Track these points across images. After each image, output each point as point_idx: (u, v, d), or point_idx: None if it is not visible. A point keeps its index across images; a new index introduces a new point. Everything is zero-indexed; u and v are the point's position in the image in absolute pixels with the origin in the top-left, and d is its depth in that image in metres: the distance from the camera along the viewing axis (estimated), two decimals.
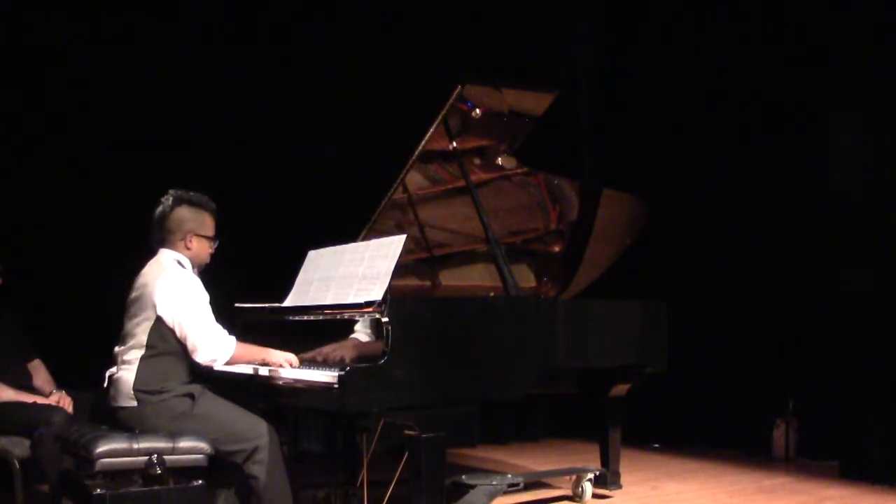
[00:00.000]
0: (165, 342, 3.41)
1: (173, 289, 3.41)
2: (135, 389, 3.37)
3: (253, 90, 5.99)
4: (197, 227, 3.56)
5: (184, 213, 3.55)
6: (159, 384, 3.38)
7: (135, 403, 3.37)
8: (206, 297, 3.48)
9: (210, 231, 3.61)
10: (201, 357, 3.41)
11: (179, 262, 3.54)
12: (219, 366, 3.46)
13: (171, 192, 3.60)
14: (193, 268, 3.60)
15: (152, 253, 3.59)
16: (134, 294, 3.49)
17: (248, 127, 5.92)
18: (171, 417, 3.36)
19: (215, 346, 3.42)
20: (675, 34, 6.68)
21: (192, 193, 3.60)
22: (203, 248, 3.60)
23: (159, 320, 3.39)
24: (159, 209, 3.57)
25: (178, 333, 3.41)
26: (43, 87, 5.43)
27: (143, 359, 3.38)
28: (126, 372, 3.41)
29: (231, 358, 3.46)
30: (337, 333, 4.06)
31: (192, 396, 3.42)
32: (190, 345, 3.40)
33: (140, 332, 3.41)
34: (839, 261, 5.59)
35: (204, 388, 3.49)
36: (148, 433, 3.32)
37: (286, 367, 3.55)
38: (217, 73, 5.87)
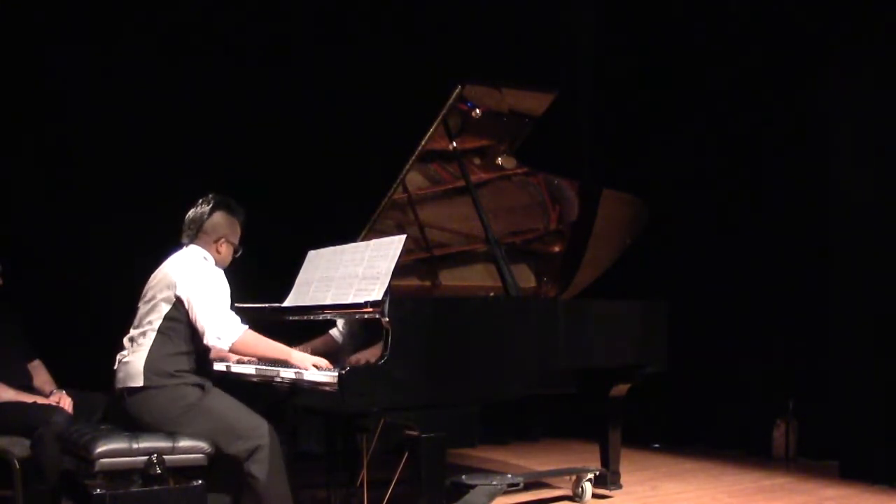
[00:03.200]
0: (181, 324, 3.45)
1: (194, 272, 3.48)
2: (146, 369, 3.38)
3: (253, 90, 5.99)
4: (229, 234, 3.67)
5: (221, 218, 3.66)
6: (171, 367, 3.41)
7: (143, 383, 3.37)
8: (225, 287, 3.54)
9: (237, 239, 3.72)
10: (207, 337, 3.41)
11: (205, 259, 3.61)
12: (224, 346, 3.43)
13: (212, 195, 3.69)
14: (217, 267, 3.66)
15: (179, 246, 3.66)
16: (153, 281, 3.55)
17: (248, 127, 5.92)
18: (179, 406, 3.37)
19: (221, 326, 3.41)
20: (676, 34, 6.68)
21: (231, 201, 3.71)
22: (229, 254, 3.71)
23: (178, 301, 3.44)
24: (199, 209, 3.67)
25: (190, 315, 3.44)
26: (45, 87, 5.43)
27: (156, 340, 3.42)
28: (138, 353, 3.43)
29: (238, 341, 3.43)
30: None
31: (202, 387, 3.44)
32: (200, 326, 3.42)
33: (157, 312, 3.45)
34: (839, 261, 5.59)
35: (212, 384, 3.51)
36: (148, 433, 3.32)
37: (311, 370, 3.48)
38: (217, 73, 5.87)
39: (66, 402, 4.13)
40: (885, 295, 5.25)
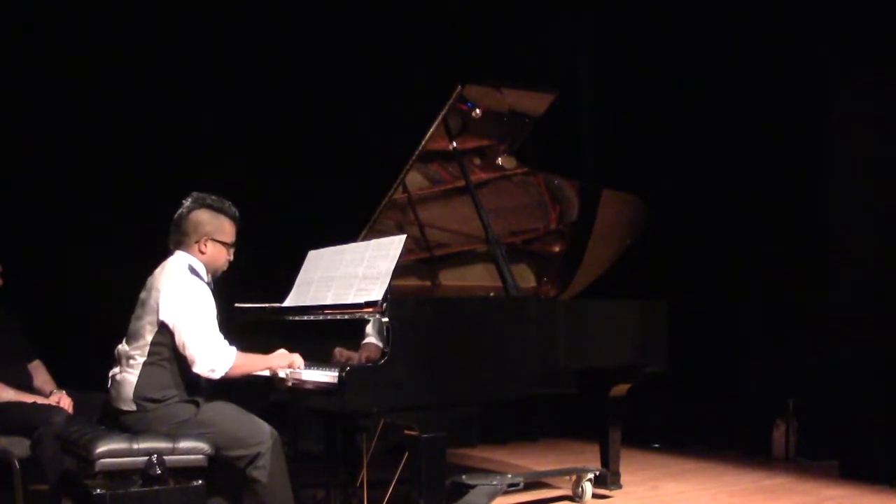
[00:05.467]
0: (167, 348, 3.36)
1: (177, 296, 3.34)
2: (135, 395, 3.34)
3: (253, 90, 5.99)
4: (213, 232, 3.49)
5: (201, 216, 3.48)
6: (160, 393, 3.34)
7: (134, 409, 3.35)
8: (211, 307, 3.40)
9: (228, 237, 3.54)
10: (199, 368, 3.33)
11: (192, 267, 3.45)
12: (217, 377, 3.35)
13: (194, 194, 3.52)
14: (208, 273, 3.52)
15: (168, 254, 3.53)
16: (143, 294, 3.45)
17: (248, 127, 5.92)
18: (171, 424, 3.33)
19: (213, 357, 3.33)
20: (676, 34, 6.68)
21: (213, 197, 3.53)
22: (219, 254, 3.52)
23: (163, 325, 3.34)
24: (178, 210, 3.51)
25: (176, 342, 3.34)
26: (44, 88, 5.43)
27: (146, 364, 3.34)
28: (129, 374, 3.37)
29: (231, 369, 3.36)
30: (337, 334, 4.06)
31: (196, 404, 3.38)
32: (189, 355, 3.33)
33: (145, 334, 3.37)
34: (839, 261, 5.59)
35: (207, 399, 3.44)
36: (148, 433, 3.32)
37: (294, 368, 3.52)
38: (218, 73, 5.87)
39: (66, 402, 4.13)
40: (885, 294, 5.25)
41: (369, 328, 3.95)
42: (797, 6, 5.91)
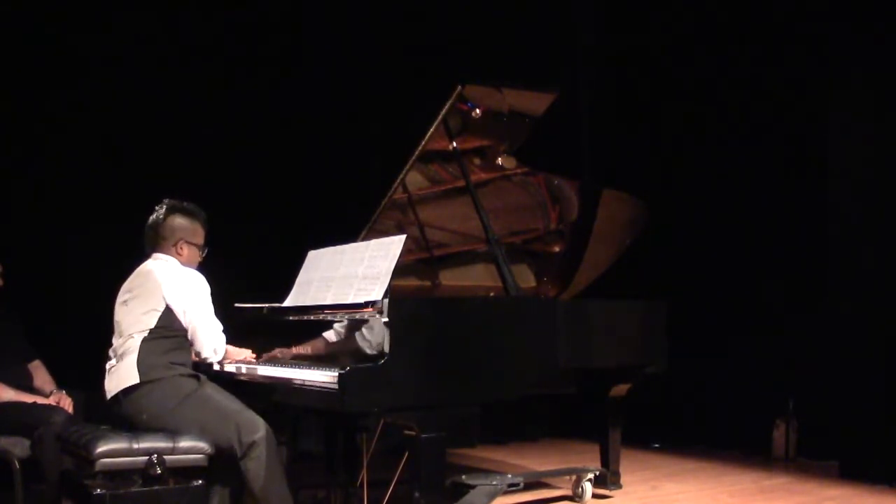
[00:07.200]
0: (172, 329, 3.50)
1: (181, 280, 3.56)
2: (140, 366, 3.41)
3: (253, 89, 5.99)
4: (189, 236, 3.70)
5: (177, 221, 3.69)
6: (164, 358, 3.45)
7: (139, 380, 3.40)
8: (209, 290, 3.61)
9: (200, 240, 3.75)
10: (205, 351, 3.56)
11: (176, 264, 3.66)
12: (217, 359, 3.63)
13: (166, 200, 3.73)
14: None
15: (145, 256, 3.69)
16: (130, 294, 3.57)
17: (248, 126, 5.92)
18: (176, 398, 3.40)
19: (217, 342, 3.59)
20: (676, 34, 6.67)
21: (185, 203, 3.75)
22: (193, 256, 3.72)
23: (169, 309, 3.50)
24: (154, 216, 3.70)
25: (184, 323, 3.52)
26: (42, 90, 5.43)
27: (145, 340, 3.45)
28: (127, 358, 3.45)
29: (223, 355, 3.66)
30: None
31: (197, 378, 3.52)
32: (197, 339, 3.55)
33: (146, 319, 3.48)
34: (839, 260, 5.59)
35: (207, 379, 3.59)
36: (148, 433, 3.32)
37: (241, 367, 3.73)
38: (216, 72, 5.88)
39: (66, 402, 4.14)
40: (884, 294, 5.25)
41: (336, 326, 4.02)
42: (797, 6, 5.91)
